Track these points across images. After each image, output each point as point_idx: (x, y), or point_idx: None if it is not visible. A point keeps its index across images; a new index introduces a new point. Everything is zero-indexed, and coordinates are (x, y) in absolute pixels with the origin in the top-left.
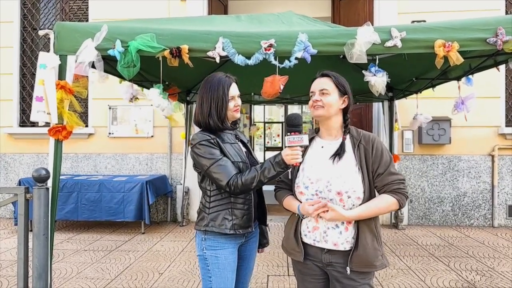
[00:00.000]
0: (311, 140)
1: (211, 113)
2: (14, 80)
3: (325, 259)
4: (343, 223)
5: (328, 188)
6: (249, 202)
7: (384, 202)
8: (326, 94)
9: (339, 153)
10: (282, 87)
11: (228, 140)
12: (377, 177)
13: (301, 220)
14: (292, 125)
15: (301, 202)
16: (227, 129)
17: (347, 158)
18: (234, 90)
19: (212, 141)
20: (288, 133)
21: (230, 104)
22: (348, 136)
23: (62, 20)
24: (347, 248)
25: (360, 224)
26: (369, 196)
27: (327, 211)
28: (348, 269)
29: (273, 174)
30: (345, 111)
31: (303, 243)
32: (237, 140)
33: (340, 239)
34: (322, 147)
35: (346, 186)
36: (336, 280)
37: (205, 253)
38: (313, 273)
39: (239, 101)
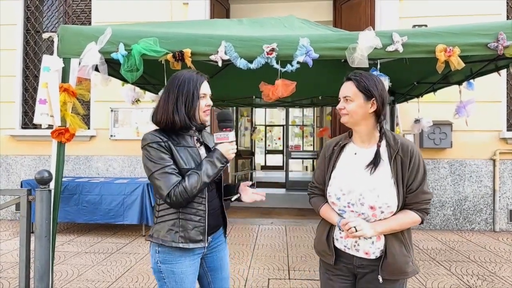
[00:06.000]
0: (344, 146)
1: (178, 109)
2: (17, 82)
3: (356, 262)
4: None
5: (360, 202)
6: (202, 213)
7: (410, 219)
8: (349, 101)
9: (375, 163)
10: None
11: (185, 143)
12: (409, 192)
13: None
14: (228, 120)
15: (338, 214)
16: (194, 128)
17: (383, 169)
18: (206, 88)
19: (162, 144)
20: (223, 129)
21: (201, 102)
22: (384, 143)
23: (65, 23)
24: (378, 256)
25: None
26: (401, 209)
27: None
28: (380, 277)
29: (216, 171)
30: (377, 114)
31: (334, 247)
32: (198, 144)
33: (372, 248)
34: (355, 153)
35: (380, 201)
36: (366, 281)
37: (159, 266)
38: (341, 273)
39: (210, 102)
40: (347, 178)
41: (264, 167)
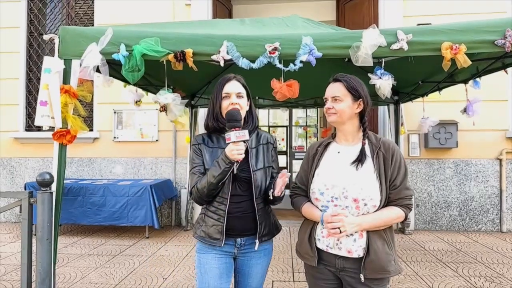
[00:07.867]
0: (327, 145)
1: (209, 114)
2: (20, 84)
3: (338, 265)
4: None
5: (344, 195)
6: (221, 213)
7: (394, 215)
8: (339, 100)
9: (360, 159)
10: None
11: (221, 145)
12: (393, 189)
13: (316, 224)
14: (234, 120)
15: (320, 210)
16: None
17: (366, 164)
18: (229, 87)
19: (196, 146)
20: (232, 129)
21: (224, 102)
22: (366, 142)
23: (67, 25)
24: (361, 255)
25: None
26: (384, 204)
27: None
28: (362, 276)
29: (219, 172)
30: (361, 115)
31: (317, 248)
32: None
33: (354, 246)
34: (339, 152)
35: (363, 193)
36: (349, 285)
37: (196, 255)
38: (325, 277)
39: (235, 99)
40: (331, 174)
41: None
